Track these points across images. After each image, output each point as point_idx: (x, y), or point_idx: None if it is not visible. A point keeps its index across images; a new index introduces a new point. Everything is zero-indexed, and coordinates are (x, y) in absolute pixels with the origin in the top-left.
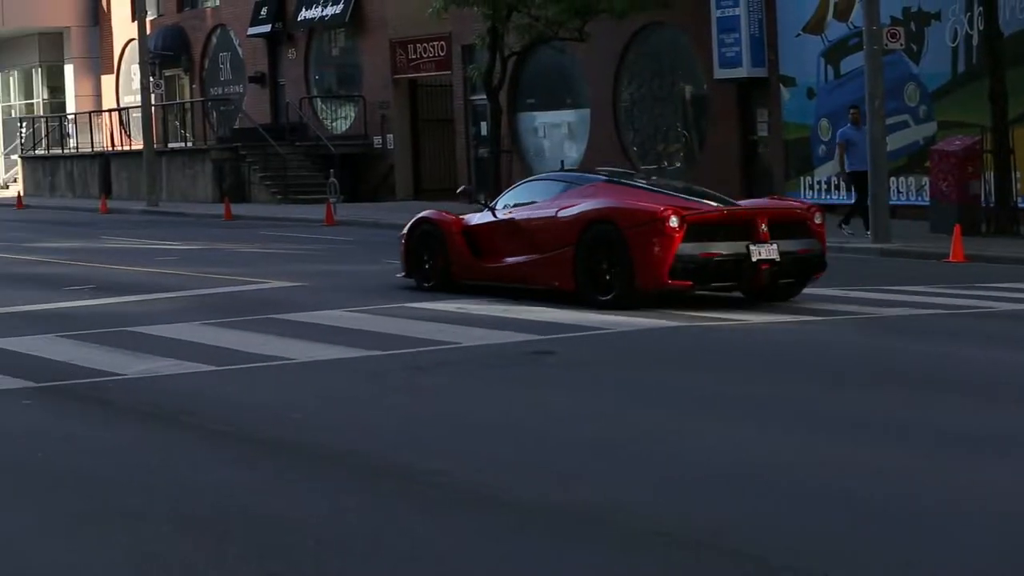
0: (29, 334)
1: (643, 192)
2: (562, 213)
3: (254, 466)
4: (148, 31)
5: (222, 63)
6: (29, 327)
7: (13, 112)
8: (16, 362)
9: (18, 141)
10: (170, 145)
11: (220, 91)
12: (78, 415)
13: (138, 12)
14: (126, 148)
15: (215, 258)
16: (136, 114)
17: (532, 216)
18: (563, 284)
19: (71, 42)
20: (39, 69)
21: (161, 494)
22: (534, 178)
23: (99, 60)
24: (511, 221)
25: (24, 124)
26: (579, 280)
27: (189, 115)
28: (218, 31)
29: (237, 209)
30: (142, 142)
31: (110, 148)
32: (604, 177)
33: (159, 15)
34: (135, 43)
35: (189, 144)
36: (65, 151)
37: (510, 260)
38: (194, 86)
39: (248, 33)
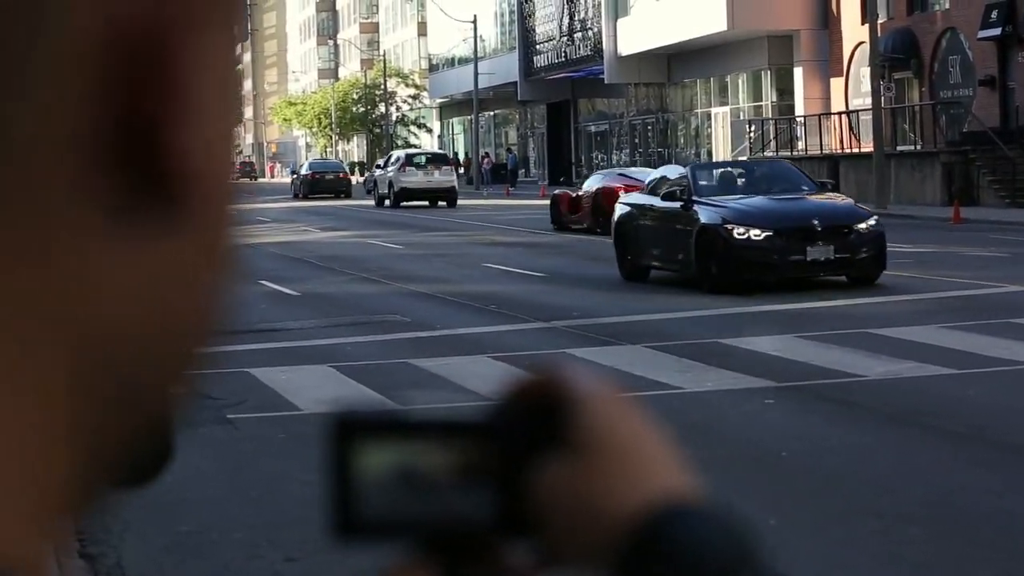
0: (768, 334)
1: (626, 179)
2: (593, 190)
3: (997, 470)
4: (878, 34)
5: (951, 66)
6: (768, 327)
7: (741, 114)
8: (758, 362)
9: (746, 143)
10: (898, 148)
11: (949, 94)
12: (820, 415)
13: (869, 15)
14: (854, 150)
15: (949, 261)
16: (865, 116)
17: (586, 192)
18: (589, 224)
19: (800, 45)
20: (768, 71)
21: (907, 495)
22: (597, 172)
23: (828, 63)
24: (581, 195)
25: (752, 126)
26: (594, 221)
27: (918, 118)
28: (948, 34)
29: (965, 212)
30: (871, 144)
31: (838, 150)
32: (619, 171)
33: (889, 18)
34: (865, 46)
35: (918, 147)
36: (794, 152)
37: (579, 214)
38: (923, 89)
39: (978, 36)
